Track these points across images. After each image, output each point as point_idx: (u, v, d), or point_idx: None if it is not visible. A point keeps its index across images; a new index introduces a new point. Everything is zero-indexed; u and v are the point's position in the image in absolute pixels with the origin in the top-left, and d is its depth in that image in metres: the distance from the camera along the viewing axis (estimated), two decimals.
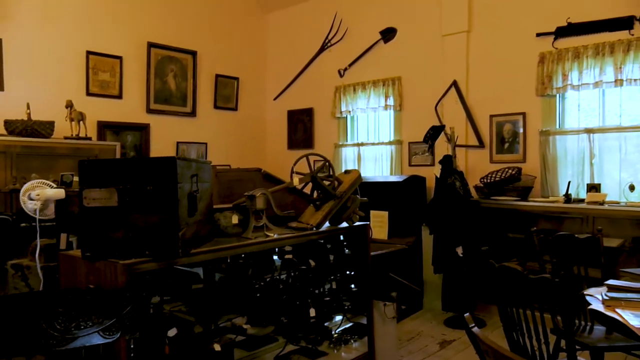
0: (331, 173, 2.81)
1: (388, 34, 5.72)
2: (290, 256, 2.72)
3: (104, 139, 5.23)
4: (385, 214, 4.86)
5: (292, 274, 2.74)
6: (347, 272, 3.12)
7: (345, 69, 6.11)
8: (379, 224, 4.91)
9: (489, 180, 4.60)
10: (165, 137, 5.83)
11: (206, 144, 6.23)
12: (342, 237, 3.11)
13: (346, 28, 6.10)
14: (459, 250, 4.25)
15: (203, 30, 6.21)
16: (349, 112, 6.06)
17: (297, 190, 3.03)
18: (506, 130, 4.85)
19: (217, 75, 6.38)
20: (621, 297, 2.31)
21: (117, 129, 5.43)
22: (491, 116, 4.93)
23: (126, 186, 1.88)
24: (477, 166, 5.00)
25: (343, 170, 3.14)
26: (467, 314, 1.56)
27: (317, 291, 2.89)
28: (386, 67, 5.73)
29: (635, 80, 4.03)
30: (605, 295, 2.37)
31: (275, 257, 2.78)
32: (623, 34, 4.12)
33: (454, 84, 5.11)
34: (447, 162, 4.48)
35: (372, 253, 3.21)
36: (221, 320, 2.49)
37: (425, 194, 5.13)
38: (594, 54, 4.22)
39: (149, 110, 5.69)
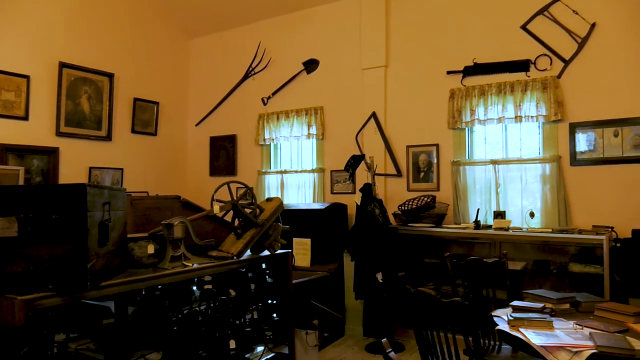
0: (253, 201, 2.79)
1: (310, 65, 5.87)
2: (209, 286, 2.64)
3: (5, 163, 4.81)
4: (308, 241, 4.88)
5: (212, 304, 2.66)
6: (269, 301, 3.09)
7: (269, 97, 6.17)
8: (301, 251, 4.91)
9: (406, 208, 4.79)
10: (77, 161, 5.49)
11: (122, 169, 5.94)
12: (264, 266, 3.08)
13: (270, 58, 6.19)
14: (379, 276, 4.36)
15: (121, 52, 6.01)
16: (273, 139, 6.10)
17: (217, 218, 2.97)
18: (422, 160, 5.12)
19: (136, 99, 6.16)
20: (524, 317, 2.48)
21: (22, 152, 5.03)
22: (408, 147, 5.18)
23: (28, 215, 1.75)
24: (395, 194, 5.21)
25: (265, 198, 3.13)
26: (385, 339, 1.60)
27: (237, 322, 2.82)
28: (309, 97, 5.86)
29: (532, 117, 4.44)
30: (511, 315, 2.54)
31: (194, 288, 2.69)
32: (521, 76, 4.55)
33: (373, 115, 5.33)
34: (367, 190, 4.62)
35: (294, 281, 3.20)
36: (134, 357, 2.34)
37: (347, 221, 5.23)
38: (497, 92, 4.62)
39: (59, 134, 5.34)
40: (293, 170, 6.05)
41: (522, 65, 4.55)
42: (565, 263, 4.05)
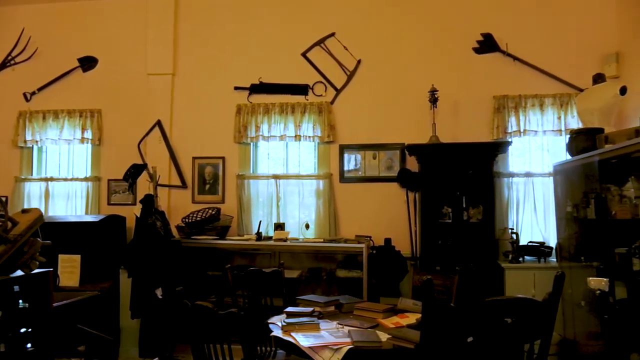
0: (4, 212, 2.37)
1: (88, 63, 5.33)
2: None
3: None
4: (78, 257, 4.40)
5: None
6: (22, 330, 2.65)
7: (34, 93, 5.36)
8: (69, 269, 4.40)
9: (190, 220, 4.71)
10: None
11: None
12: (16, 288, 2.64)
13: (37, 48, 5.39)
14: (159, 292, 4.17)
15: None
16: (36, 142, 5.30)
17: None
18: (207, 172, 5.11)
19: None
20: (295, 322, 2.68)
21: None
22: (194, 158, 5.12)
23: None
24: (179, 206, 5.06)
25: (21, 209, 2.70)
26: (156, 358, 1.54)
27: None
28: (85, 98, 5.29)
29: (309, 137, 4.88)
30: (284, 321, 2.71)
31: None
32: (301, 98, 4.96)
33: (158, 123, 5.11)
34: (149, 201, 4.39)
35: (55, 304, 2.83)
36: None
37: (125, 235, 4.87)
38: (280, 111, 4.93)
39: None
40: (62, 177, 5.36)
41: (302, 89, 4.97)
42: (334, 269, 4.53)
